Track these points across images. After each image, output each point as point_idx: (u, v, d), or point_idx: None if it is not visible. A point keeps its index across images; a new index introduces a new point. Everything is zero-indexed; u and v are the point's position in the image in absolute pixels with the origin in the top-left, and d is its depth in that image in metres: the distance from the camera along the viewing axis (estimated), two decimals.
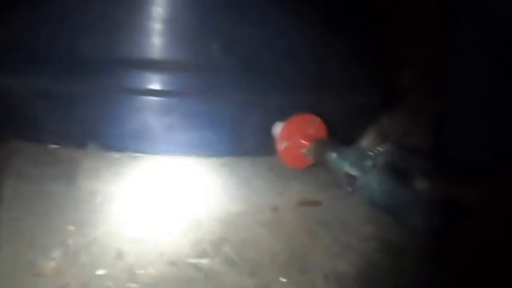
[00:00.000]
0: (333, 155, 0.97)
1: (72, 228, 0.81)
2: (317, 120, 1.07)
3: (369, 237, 0.84)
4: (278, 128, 1.06)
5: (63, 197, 0.90)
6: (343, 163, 0.94)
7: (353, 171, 0.92)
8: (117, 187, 0.95)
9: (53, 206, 0.87)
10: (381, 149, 0.92)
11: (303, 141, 1.04)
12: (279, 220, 0.89)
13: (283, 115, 1.06)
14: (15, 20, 1.04)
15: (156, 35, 1.03)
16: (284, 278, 0.73)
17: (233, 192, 0.97)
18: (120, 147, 1.05)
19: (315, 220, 0.89)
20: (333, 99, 1.13)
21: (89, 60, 1.02)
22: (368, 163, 0.91)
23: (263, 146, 1.07)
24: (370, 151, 0.93)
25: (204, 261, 0.76)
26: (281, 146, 1.05)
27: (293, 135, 1.05)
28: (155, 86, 1.04)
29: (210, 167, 1.05)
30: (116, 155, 1.05)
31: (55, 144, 1.07)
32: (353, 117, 1.17)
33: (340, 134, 1.13)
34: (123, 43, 1.03)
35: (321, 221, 0.89)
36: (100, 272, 0.72)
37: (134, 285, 0.70)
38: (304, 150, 1.04)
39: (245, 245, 0.80)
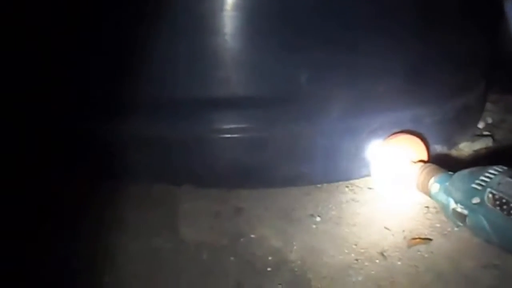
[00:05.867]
0: (436, 187, 0.91)
1: None
2: (416, 139, 1.02)
3: None
4: (375, 150, 1.03)
5: (170, 255, 0.90)
6: (448, 199, 0.88)
7: (460, 208, 0.86)
8: (220, 236, 0.94)
9: (163, 269, 0.87)
10: (488, 180, 0.86)
11: (402, 164, 1.00)
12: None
13: (379, 136, 1.03)
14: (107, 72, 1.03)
15: (242, 72, 1.00)
16: None
17: (334, 229, 0.95)
18: (215, 185, 1.04)
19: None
20: (433, 109, 1.08)
21: (178, 104, 1.01)
22: (475, 199, 0.85)
23: (359, 169, 1.05)
24: (477, 182, 0.86)
25: None
26: (379, 168, 1.01)
27: (391, 157, 1.01)
28: (245, 123, 1.02)
29: (309, 196, 1.04)
30: (211, 192, 1.04)
31: (151, 183, 1.07)
32: (455, 124, 1.11)
33: (442, 148, 1.09)
34: (209, 83, 1.00)
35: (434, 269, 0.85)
36: None
37: None
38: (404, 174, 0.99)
39: None
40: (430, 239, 0.91)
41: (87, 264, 0.87)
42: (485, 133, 1.27)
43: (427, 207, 0.99)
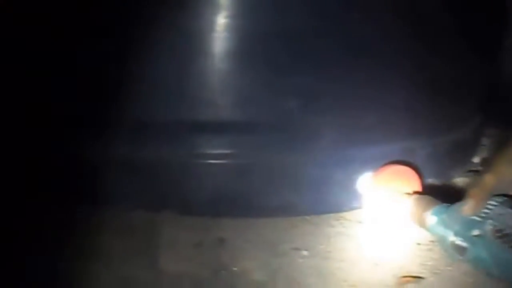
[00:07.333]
0: (433, 220, 0.87)
1: None
2: (409, 171, 0.98)
3: None
4: (366, 182, 0.98)
5: (147, 286, 0.84)
6: (446, 232, 0.84)
7: (459, 241, 0.82)
8: (200, 268, 0.89)
9: None
10: (488, 211, 0.82)
11: (395, 196, 0.96)
12: None
13: (371, 167, 0.99)
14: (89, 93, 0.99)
15: (230, 95, 0.97)
16: None
17: (321, 264, 0.90)
18: (197, 212, 0.99)
19: None
20: (427, 142, 1.05)
21: (161, 127, 0.98)
22: (475, 231, 0.81)
23: (350, 201, 1.01)
24: (476, 215, 0.83)
25: None
26: (370, 201, 0.97)
27: (383, 189, 0.97)
28: (231, 149, 0.98)
29: (296, 228, 0.99)
30: (193, 220, 0.99)
31: (130, 209, 1.01)
32: (449, 158, 1.08)
33: (436, 181, 1.05)
34: (194, 106, 0.97)
35: None
36: None
37: None
38: (397, 207, 0.95)
39: None
40: (421, 277, 0.86)
41: None
42: (481, 168, 1.24)
43: (419, 243, 0.95)
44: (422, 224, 0.89)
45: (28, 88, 1.02)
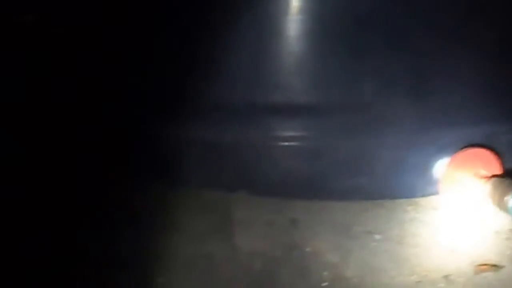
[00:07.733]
0: None
1: None
2: (489, 154, 0.95)
3: None
4: (442, 166, 0.96)
5: (222, 262, 0.86)
6: None
7: None
8: (273, 247, 0.90)
9: (215, 274, 0.84)
10: None
11: (473, 180, 0.93)
12: None
13: (448, 152, 0.96)
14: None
15: (304, 78, 0.97)
16: None
17: (394, 249, 0.89)
18: (270, 193, 1.00)
19: None
20: (507, 127, 1.02)
21: (236, 109, 0.99)
22: None
23: (424, 187, 0.99)
24: None
25: None
26: (446, 186, 0.95)
27: (461, 173, 0.95)
28: (304, 132, 0.99)
29: (369, 212, 0.98)
30: (266, 200, 1.00)
31: (204, 188, 1.03)
32: None
33: None
34: (269, 89, 0.98)
35: None
36: None
37: None
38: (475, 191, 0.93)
39: None
40: (499, 266, 0.84)
41: (142, 264, 0.85)
42: None
43: (497, 232, 0.92)
44: (502, 207, 0.87)
45: (109, 72, 1.05)
